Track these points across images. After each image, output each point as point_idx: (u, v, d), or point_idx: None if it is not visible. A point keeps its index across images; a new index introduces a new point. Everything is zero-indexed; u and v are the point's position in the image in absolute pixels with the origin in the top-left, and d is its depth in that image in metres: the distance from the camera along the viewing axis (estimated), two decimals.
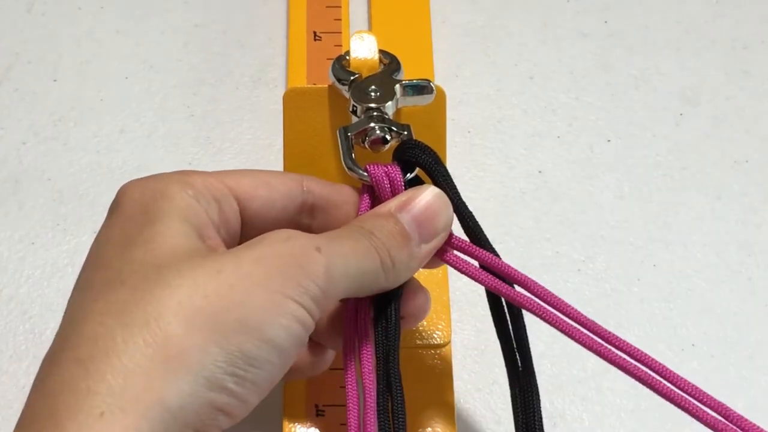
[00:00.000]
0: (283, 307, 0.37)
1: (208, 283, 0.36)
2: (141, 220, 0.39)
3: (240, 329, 0.36)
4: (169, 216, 0.39)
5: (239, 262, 0.37)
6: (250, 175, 0.42)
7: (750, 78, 0.65)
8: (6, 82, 0.63)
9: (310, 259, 0.38)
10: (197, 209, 0.39)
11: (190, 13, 0.66)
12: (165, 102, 0.62)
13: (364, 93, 0.46)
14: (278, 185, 0.42)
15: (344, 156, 0.45)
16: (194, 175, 0.41)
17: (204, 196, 0.40)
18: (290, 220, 0.43)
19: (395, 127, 0.45)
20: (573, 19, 0.67)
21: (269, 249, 0.38)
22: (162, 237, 0.38)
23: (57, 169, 0.60)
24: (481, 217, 0.58)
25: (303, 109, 0.49)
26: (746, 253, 0.58)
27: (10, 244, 0.57)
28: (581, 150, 0.61)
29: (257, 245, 0.38)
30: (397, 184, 0.43)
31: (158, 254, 0.37)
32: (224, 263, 0.37)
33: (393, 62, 0.48)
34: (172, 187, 0.39)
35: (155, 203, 0.39)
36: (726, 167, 0.61)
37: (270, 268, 0.37)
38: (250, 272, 0.37)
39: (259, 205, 0.42)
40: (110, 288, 0.37)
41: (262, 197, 0.42)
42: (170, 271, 0.36)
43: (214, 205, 0.40)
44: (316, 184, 0.44)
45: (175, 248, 0.38)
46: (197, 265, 0.37)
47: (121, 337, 0.35)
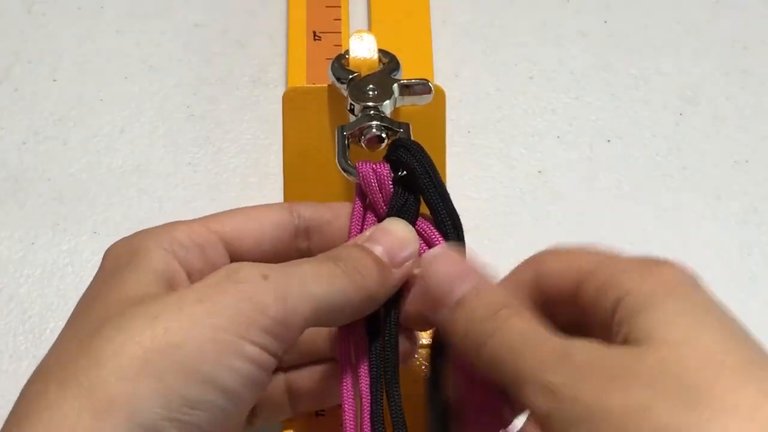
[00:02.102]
0: (228, 346, 0.35)
1: (144, 329, 0.35)
2: (110, 275, 0.39)
3: (177, 372, 0.34)
4: (136, 269, 0.38)
5: (180, 304, 0.36)
6: (238, 213, 0.42)
7: (750, 78, 0.65)
8: (6, 82, 0.63)
9: (258, 288, 0.36)
10: (168, 260, 0.39)
11: (190, 13, 0.66)
12: (165, 102, 0.63)
13: (362, 92, 0.46)
14: (265, 217, 0.42)
15: (338, 156, 0.45)
16: (179, 226, 0.40)
17: (184, 245, 0.40)
18: (286, 248, 0.42)
19: (392, 126, 0.45)
20: (573, 19, 0.67)
21: (212, 287, 0.36)
22: (121, 290, 0.37)
23: (57, 168, 0.60)
24: (481, 217, 0.58)
25: (302, 109, 0.49)
26: (746, 253, 0.58)
27: (10, 244, 0.57)
28: (581, 150, 0.61)
29: (201, 283, 0.37)
30: (384, 182, 0.43)
31: (110, 307, 0.37)
32: (164, 307, 0.36)
33: (392, 61, 0.48)
34: (149, 241, 0.39)
35: (129, 258, 0.39)
36: (726, 167, 0.61)
37: (213, 306, 0.35)
38: (191, 313, 0.35)
39: (250, 242, 0.41)
40: (62, 346, 0.37)
41: (251, 233, 0.41)
42: (111, 321, 0.36)
43: (196, 252, 0.40)
44: (306, 208, 0.43)
45: (129, 299, 0.37)
46: (137, 313, 0.36)
47: (54, 393, 0.34)
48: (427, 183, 0.43)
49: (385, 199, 0.43)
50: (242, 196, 0.59)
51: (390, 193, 0.43)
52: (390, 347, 0.40)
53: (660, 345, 0.33)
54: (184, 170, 0.60)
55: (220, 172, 0.60)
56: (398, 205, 0.43)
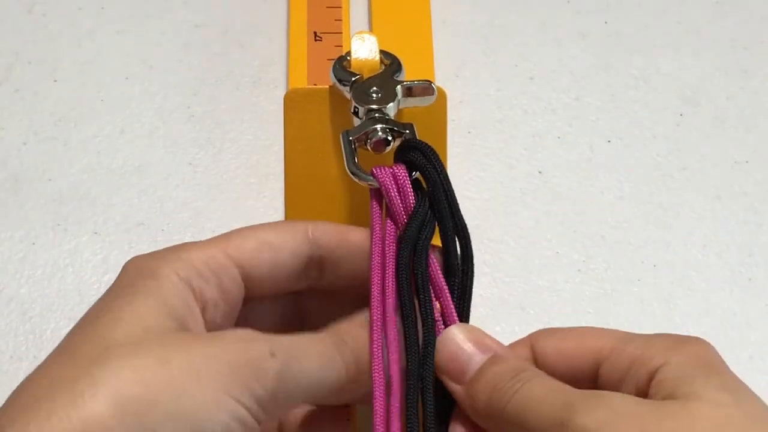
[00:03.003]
0: (223, 404, 0.36)
1: (152, 370, 0.35)
2: (119, 295, 0.38)
3: (171, 422, 0.35)
4: (145, 296, 0.38)
5: (190, 356, 0.36)
6: (253, 236, 0.41)
7: (750, 78, 0.65)
8: (6, 83, 0.63)
9: (263, 362, 0.37)
10: (183, 292, 0.39)
11: (191, 13, 0.66)
12: (165, 102, 0.62)
13: (366, 94, 0.46)
14: (283, 244, 0.41)
15: (347, 161, 0.44)
16: (194, 250, 0.40)
17: (202, 274, 0.40)
18: (298, 274, 0.42)
19: (397, 128, 0.45)
20: (573, 19, 0.67)
21: (223, 348, 0.37)
22: (128, 315, 0.37)
23: (57, 169, 0.60)
24: (481, 218, 0.58)
25: (304, 110, 0.49)
26: (746, 254, 0.58)
27: (10, 244, 0.57)
28: (581, 150, 0.61)
29: (214, 342, 0.37)
30: (403, 185, 0.43)
31: (114, 332, 0.37)
32: (175, 354, 0.36)
33: (394, 63, 0.48)
34: (164, 268, 0.39)
35: (142, 281, 0.39)
36: (726, 167, 0.61)
37: (219, 366, 0.36)
38: (199, 367, 0.36)
39: (265, 270, 0.41)
40: (58, 360, 0.36)
41: (267, 261, 0.41)
42: (117, 351, 0.36)
43: (212, 280, 0.40)
44: (324, 232, 0.42)
45: (135, 329, 0.37)
46: (146, 351, 0.36)
47: (45, 410, 0.34)
48: (437, 190, 0.43)
49: (405, 205, 0.43)
50: (243, 196, 0.59)
51: (408, 198, 0.43)
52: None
53: (709, 404, 0.35)
54: (184, 171, 0.60)
55: (221, 173, 0.60)
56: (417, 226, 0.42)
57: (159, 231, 0.58)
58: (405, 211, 0.43)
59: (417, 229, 0.43)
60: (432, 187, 0.43)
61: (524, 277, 0.56)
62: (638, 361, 0.38)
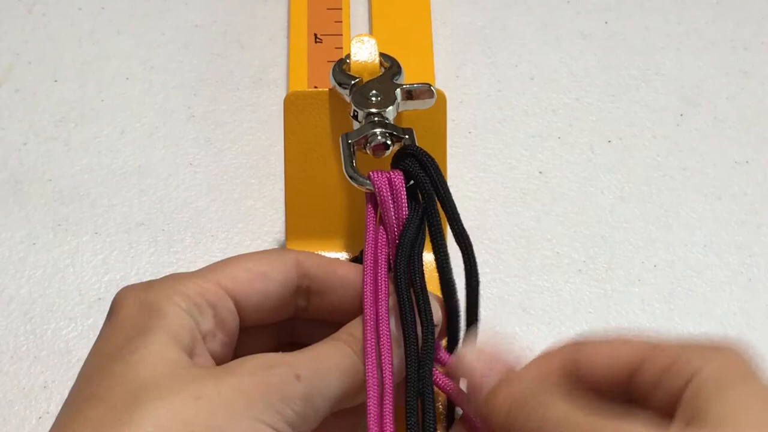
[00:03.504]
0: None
1: (188, 408, 0.36)
2: (131, 334, 0.39)
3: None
4: (157, 332, 0.38)
5: (220, 389, 0.37)
6: (245, 267, 0.42)
7: (750, 79, 0.65)
8: (7, 83, 0.63)
9: (290, 386, 0.38)
10: (189, 325, 0.39)
11: (191, 13, 0.66)
12: (165, 103, 0.63)
13: (365, 98, 0.46)
14: (274, 275, 0.42)
15: (345, 165, 0.45)
16: (189, 282, 0.41)
17: (198, 305, 0.40)
18: (286, 304, 0.43)
19: (397, 132, 0.45)
20: (573, 19, 0.67)
21: (250, 378, 0.38)
22: (148, 353, 0.38)
23: (58, 169, 0.60)
24: (482, 218, 0.58)
25: (304, 113, 0.49)
26: (747, 254, 0.58)
27: (11, 245, 0.57)
28: (582, 150, 0.61)
29: (238, 372, 0.38)
30: (398, 192, 0.43)
31: (140, 371, 0.37)
32: (205, 389, 0.37)
33: (394, 66, 0.48)
34: (165, 301, 0.40)
35: (147, 318, 0.39)
36: (726, 168, 0.61)
37: (250, 396, 0.37)
38: (230, 399, 0.37)
39: (256, 300, 0.42)
40: (89, 404, 0.37)
41: (258, 292, 0.42)
42: (150, 392, 0.36)
43: (209, 313, 0.40)
44: (312, 263, 0.43)
45: (159, 367, 0.37)
46: (178, 389, 0.37)
47: None
48: (431, 202, 0.43)
49: (397, 212, 0.43)
50: (243, 196, 0.59)
51: (402, 205, 0.43)
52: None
53: (731, 427, 0.34)
54: (184, 171, 0.60)
55: (221, 173, 0.60)
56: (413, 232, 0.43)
57: (159, 231, 0.58)
58: (397, 218, 0.43)
59: (414, 233, 0.43)
60: (426, 198, 0.43)
61: (525, 277, 0.56)
62: (670, 370, 0.37)
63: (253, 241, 0.57)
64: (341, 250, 0.52)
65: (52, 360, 0.53)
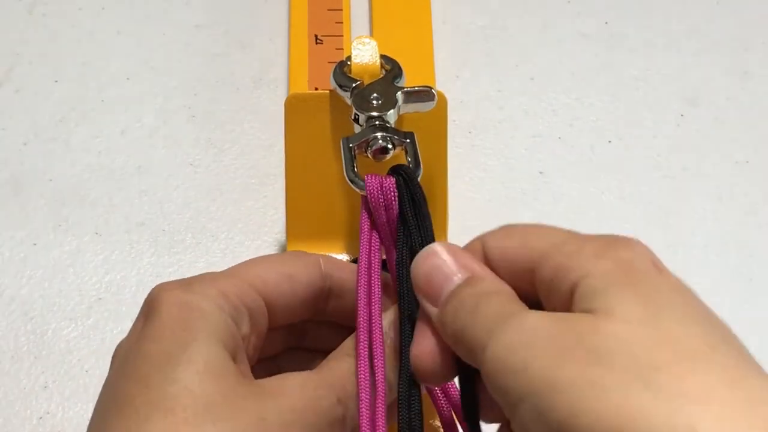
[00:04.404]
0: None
1: (253, 430, 0.36)
2: (180, 337, 0.38)
3: None
4: (206, 336, 0.38)
5: (280, 410, 0.37)
6: (273, 269, 0.41)
7: (750, 78, 0.65)
8: (7, 83, 0.63)
9: (334, 411, 0.38)
10: (232, 329, 0.39)
11: (191, 14, 0.66)
12: (166, 103, 0.63)
13: (366, 101, 0.46)
14: (300, 277, 0.41)
15: (346, 169, 0.44)
16: (225, 283, 0.40)
17: (238, 309, 0.39)
18: (308, 307, 0.42)
19: (398, 136, 0.45)
20: (573, 19, 0.67)
21: (302, 401, 0.38)
22: (203, 361, 0.37)
23: (58, 169, 0.60)
24: (482, 218, 0.58)
25: (304, 115, 0.49)
26: (746, 254, 0.58)
27: (11, 245, 0.57)
28: (582, 151, 0.61)
29: (290, 393, 0.38)
30: (389, 196, 0.43)
31: (204, 382, 0.36)
32: (267, 410, 0.37)
33: (394, 68, 0.48)
34: (208, 302, 0.39)
35: (193, 321, 0.38)
36: (727, 168, 0.61)
37: (306, 420, 0.37)
38: (290, 422, 0.37)
39: (284, 302, 0.41)
40: (156, 415, 0.36)
41: (286, 294, 0.41)
42: (216, 408, 0.36)
43: (246, 316, 0.40)
44: (333, 265, 0.43)
45: (219, 378, 0.37)
46: (242, 408, 0.36)
47: None
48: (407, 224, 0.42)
49: (388, 215, 0.43)
50: (243, 197, 0.59)
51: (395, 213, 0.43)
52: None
53: (619, 321, 0.32)
54: (185, 171, 0.60)
55: (221, 173, 0.60)
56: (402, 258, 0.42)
57: (160, 231, 0.58)
58: (388, 221, 0.43)
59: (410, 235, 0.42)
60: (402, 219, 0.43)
61: None
62: (562, 270, 0.34)
63: (253, 241, 0.57)
64: (341, 251, 0.52)
65: (52, 360, 0.53)
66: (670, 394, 0.30)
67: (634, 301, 0.32)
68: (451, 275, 0.37)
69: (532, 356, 0.32)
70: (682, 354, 0.31)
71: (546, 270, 0.35)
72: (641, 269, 0.34)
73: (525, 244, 0.36)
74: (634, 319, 0.32)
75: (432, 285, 0.37)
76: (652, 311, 0.32)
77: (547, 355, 0.32)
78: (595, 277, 0.33)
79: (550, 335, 0.32)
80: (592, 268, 0.34)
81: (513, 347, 0.33)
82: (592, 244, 0.35)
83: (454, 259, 0.37)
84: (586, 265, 0.34)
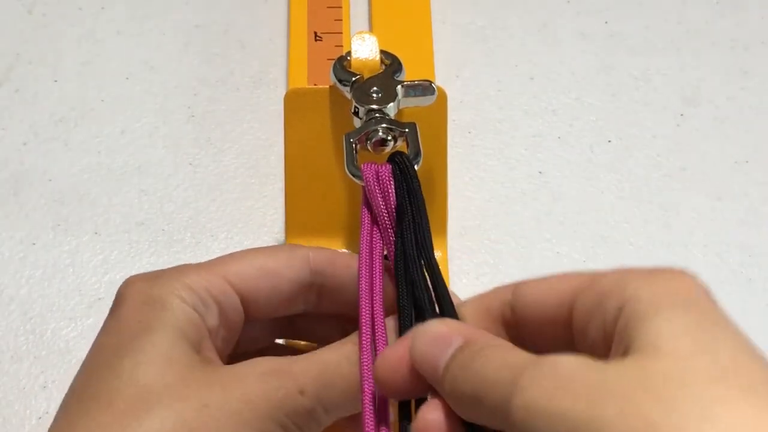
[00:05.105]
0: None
1: (195, 417, 0.36)
2: (136, 330, 0.38)
3: None
4: (164, 328, 0.38)
5: (226, 398, 0.37)
6: (254, 263, 0.41)
7: (750, 78, 0.65)
8: (7, 83, 0.63)
9: (294, 401, 0.38)
10: (194, 320, 0.39)
11: (191, 13, 0.66)
12: (166, 103, 0.63)
13: (366, 94, 0.46)
14: (283, 272, 0.41)
15: (347, 162, 0.45)
16: (195, 276, 0.40)
17: (204, 300, 0.39)
18: (296, 301, 0.42)
19: (398, 127, 0.45)
20: (573, 19, 0.67)
21: (257, 388, 0.37)
22: (155, 352, 0.37)
23: (58, 169, 0.60)
24: (481, 218, 0.58)
25: (304, 110, 0.49)
26: (747, 254, 0.58)
27: (11, 245, 0.57)
28: (582, 150, 0.61)
29: (245, 380, 0.37)
30: (385, 184, 0.43)
31: (149, 373, 0.37)
32: (212, 396, 0.36)
33: (394, 63, 0.48)
34: (171, 296, 0.39)
35: (153, 313, 0.38)
36: (726, 168, 0.61)
37: (256, 408, 0.37)
38: (237, 410, 0.36)
39: (264, 297, 0.41)
40: (97, 407, 0.36)
41: (266, 290, 0.41)
42: (158, 397, 0.36)
43: (214, 308, 0.40)
44: (324, 259, 0.42)
45: (167, 368, 0.37)
46: (185, 395, 0.36)
47: None
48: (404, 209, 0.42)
49: (388, 208, 0.43)
50: (243, 196, 0.59)
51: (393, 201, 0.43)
52: None
53: (666, 355, 0.30)
54: (184, 171, 0.60)
55: (221, 173, 0.60)
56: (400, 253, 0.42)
57: (159, 231, 0.58)
58: (387, 208, 0.43)
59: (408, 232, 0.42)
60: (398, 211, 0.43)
61: (525, 277, 0.56)
62: (607, 296, 0.33)
63: (253, 242, 0.57)
64: (341, 247, 0.52)
65: (52, 360, 0.53)
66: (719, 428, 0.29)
67: (681, 332, 0.31)
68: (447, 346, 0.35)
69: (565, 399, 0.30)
70: (732, 390, 0.30)
71: (588, 297, 0.34)
72: (688, 298, 0.32)
73: (564, 279, 0.36)
74: (682, 353, 0.30)
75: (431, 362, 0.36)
76: (700, 343, 0.31)
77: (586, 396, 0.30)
78: (641, 303, 0.32)
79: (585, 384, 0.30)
80: (639, 294, 0.32)
81: (549, 392, 0.31)
82: (639, 271, 0.34)
83: (449, 329, 0.36)
84: (631, 290, 0.32)
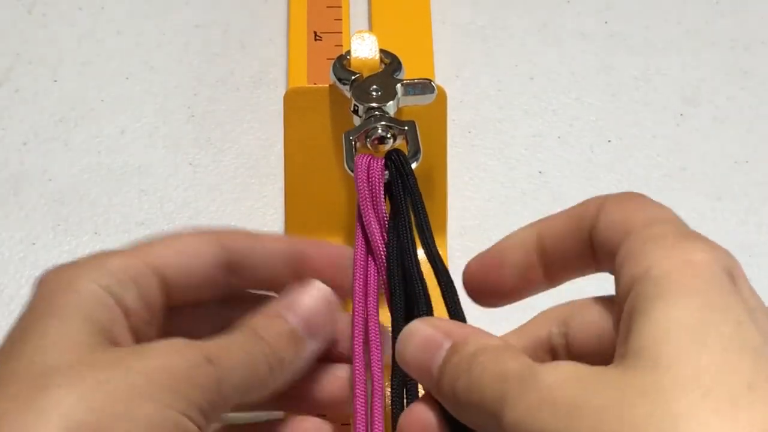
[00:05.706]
0: (169, 419, 0.36)
1: (93, 394, 0.35)
2: (42, 315, 0.38)
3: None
4: (70, 310, 0.37)
5: (128, 373, 0.36)
6: (170, 244, 0.41)
7: (750, 78, 0.65)
8: (7, 83, 0.63)
9: (201, 372, 0.37)
10: (107, 303, 0.38)
11: (191, 13, 0.66)
12: (166, 103, 0.63)
13: (366, 92, 0.46)
14: (197, 251, 0.41)
15: (347, 159, 0.45)
16: (113, 258, 0.40)
17: (121, 281, 0.39)
18: (215, 281, 0.42)
19: (398, 125, 0.45)
20: (573, 19, 0.67)
21: (159, 361, 0.37)
22: (58, 336, 0.37)
23: (58, 169, 0.60)
24: (481, 218, 0.58)
25: (303, 109, 0.49)
26: (747, 254, 0.58)
27: (11, 245, 0.57)
28: (582, 150, 0.61)
29: (147, 355, 0.37)
30: (374, 175, 0.43)
31: (49, 355, 0.36)
32: (112, 373, 0.36)
33: (394, 62, 0.48)
34: (82, 278, 0.38)
35: (61, 296, 0.38)
36: (726, 168, 0.61)
37: (159, 381, 0.36)
38: (139, 384, 0.36)
39: (182, 277, 0.41)
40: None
41: (182, 268, 0.41)
42: (56, 377, 0.35)
43: (132, 289, 0.39)
44: (236, 238, 0.42)
45: (69, 350, 0.36)
46: (84, 375, 0.35)
47: None
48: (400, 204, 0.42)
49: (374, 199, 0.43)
50: (243, 196, 0.59)
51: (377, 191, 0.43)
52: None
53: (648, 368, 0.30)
54: (184, 171, 0.60)
55: (221, 173, 0.60)
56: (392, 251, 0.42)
57: (159, 231, 0.58)
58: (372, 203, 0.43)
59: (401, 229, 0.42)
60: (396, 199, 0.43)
61: None
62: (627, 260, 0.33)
63: None
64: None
65: None
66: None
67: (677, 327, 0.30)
68: (437, 349, 0.36)
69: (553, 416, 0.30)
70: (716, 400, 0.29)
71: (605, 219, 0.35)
72: (700, 277, 0.32)
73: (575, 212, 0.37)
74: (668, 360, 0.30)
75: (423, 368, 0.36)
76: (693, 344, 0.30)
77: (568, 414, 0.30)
78: (651, 282, 0.31)
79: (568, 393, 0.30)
80: (656, 263, 0.32)
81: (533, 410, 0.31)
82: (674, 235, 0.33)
83: (436, 331, 0.36)
84: (650, 258, 0.32)
